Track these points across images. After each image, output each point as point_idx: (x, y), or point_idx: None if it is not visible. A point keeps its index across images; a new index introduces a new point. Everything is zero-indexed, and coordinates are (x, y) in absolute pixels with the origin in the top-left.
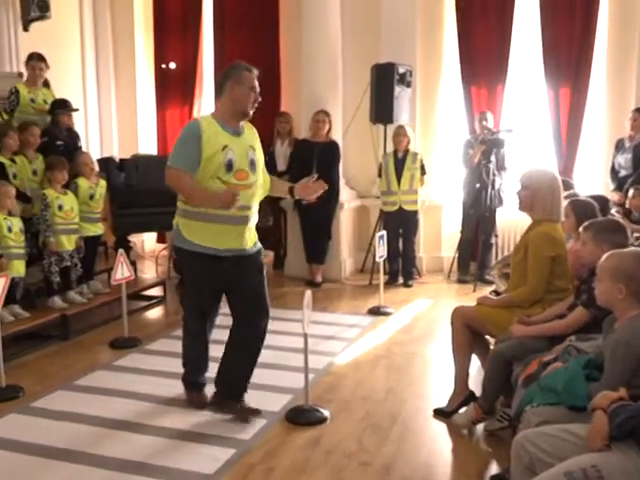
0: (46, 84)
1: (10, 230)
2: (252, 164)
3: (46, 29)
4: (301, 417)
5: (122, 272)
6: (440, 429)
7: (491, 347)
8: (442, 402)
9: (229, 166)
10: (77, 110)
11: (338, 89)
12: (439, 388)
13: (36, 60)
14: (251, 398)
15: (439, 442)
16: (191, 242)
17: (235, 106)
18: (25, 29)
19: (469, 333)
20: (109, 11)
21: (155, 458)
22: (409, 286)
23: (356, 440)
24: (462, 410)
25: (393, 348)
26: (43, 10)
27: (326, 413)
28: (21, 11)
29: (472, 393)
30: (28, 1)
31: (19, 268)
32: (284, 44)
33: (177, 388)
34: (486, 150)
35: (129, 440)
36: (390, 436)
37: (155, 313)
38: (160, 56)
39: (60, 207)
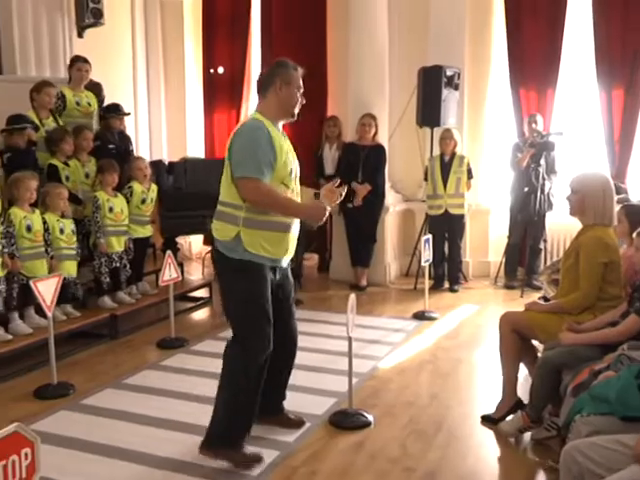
0: (98, 87)
1: (62, 232)
2: (297, 168)
3: (99, 35)
4: (345, 421)
5: (170, 273)
6: (486, 437)
7: (539, 354)
8: (488, 409)
9: (291, 170)
10: (128, 114)
11: (385, 92)
12: (485, 395)
13: (82, 62)
14: (294, 401)
15: (485, 450)
16: (251, 253)
17: (283, 107)
18: (80, 35)
19: (517, 339)
20: (159, 17)
21: (201, 458)
22: (455, 291)
23: (400, 445)
24: (509, 418)
25: (438, 353)
26: (97, 17)
27: (370, 417)
28: (76, 18)
29: (520, 401)
30: (83, 8)
31: (70, 269)
32: (331, 48)
33: None
34: (535, 153)
35: (176, 440)
36: (435, 442)
37: (201, 314)
38: (209, 61)
39: (110, 209)
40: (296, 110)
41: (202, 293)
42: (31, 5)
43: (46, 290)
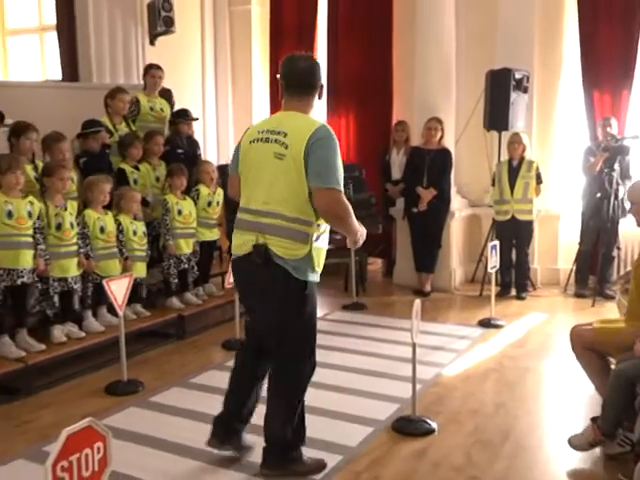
0: (169, 94)
1: (135, 233)
2: None
3: (170, 43)
4: (408, 427)
5: None
6: (555, 449)
7: (612, 367)
8: (559, 421)
9: None
10: (197, 119)
11: (451, 96)
12: (555, 406)
13: (156, 69)
14: (357, 405)
15: (553, 462)
16: (316, 272)
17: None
18: (152, 43)
19: (595, 356)
20: (228, 25)
21: None
22: (522, 298)
23: (464, 454)
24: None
25: (505, 362)
26: (168, 25)
27: (433, 425)
28: (149, 26)
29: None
30: (155, 17)
31: (140, 270)
32: (397, 52)
33: None
34: (609, 158)
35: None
36: (501, 452)
37: None
38: (275, 66)
39: (179, 212)
40: None
41: None
42: (107, 15)
43: (118, 289)
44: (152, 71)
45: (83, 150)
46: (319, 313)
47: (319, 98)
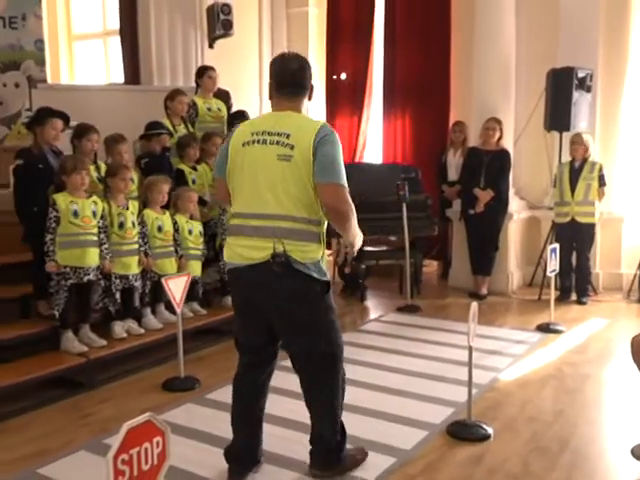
0: (227, 95)
1: (190, 233)
2: None
3: (228, 45)
4: (463, 432)
5: None
6: (617, 459)
7: None
8: (621, 430)
9: None
10: None
11: (510, 96)
12: (617, 414)
13: (212, 70)
14: (410, 408)
15: (615, 473)
16: (325, 272)
17: None
18: (210, 46)
19: None
20: (285, 27)
21: None
22: (583, 303)
23: (522, 462)
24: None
25: (564, 368)
26: (227, 28)
27: (489, 430)
28: (208, 30)
29: None
30: (214, 20)
31: (195, 268)
32: (455, 52)
33: None
34: None
35: (293, 438)
36: (560, 461)
37: None
38: (332, 67)
39: None
40: None
41: None
42: (167, 20)
43: (176, 288)
44: (209, 72)
45: (145, 151)
46: (374, 314)
47: (309, 99)
